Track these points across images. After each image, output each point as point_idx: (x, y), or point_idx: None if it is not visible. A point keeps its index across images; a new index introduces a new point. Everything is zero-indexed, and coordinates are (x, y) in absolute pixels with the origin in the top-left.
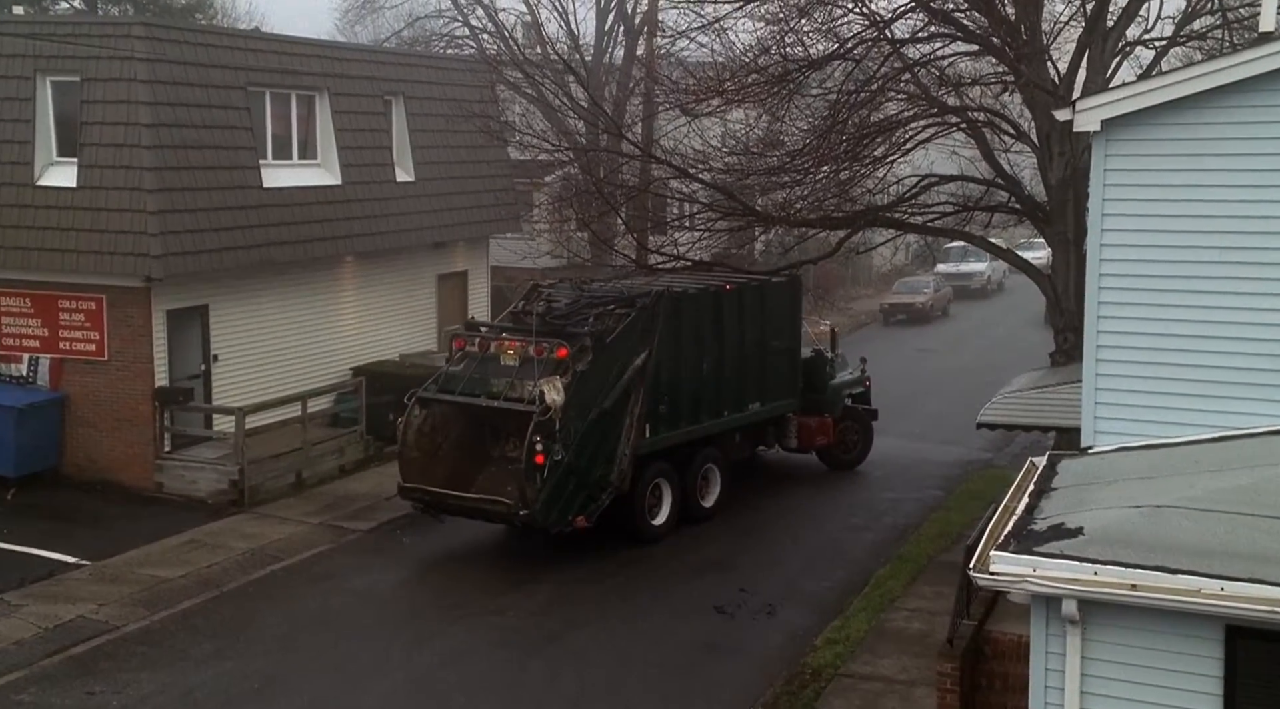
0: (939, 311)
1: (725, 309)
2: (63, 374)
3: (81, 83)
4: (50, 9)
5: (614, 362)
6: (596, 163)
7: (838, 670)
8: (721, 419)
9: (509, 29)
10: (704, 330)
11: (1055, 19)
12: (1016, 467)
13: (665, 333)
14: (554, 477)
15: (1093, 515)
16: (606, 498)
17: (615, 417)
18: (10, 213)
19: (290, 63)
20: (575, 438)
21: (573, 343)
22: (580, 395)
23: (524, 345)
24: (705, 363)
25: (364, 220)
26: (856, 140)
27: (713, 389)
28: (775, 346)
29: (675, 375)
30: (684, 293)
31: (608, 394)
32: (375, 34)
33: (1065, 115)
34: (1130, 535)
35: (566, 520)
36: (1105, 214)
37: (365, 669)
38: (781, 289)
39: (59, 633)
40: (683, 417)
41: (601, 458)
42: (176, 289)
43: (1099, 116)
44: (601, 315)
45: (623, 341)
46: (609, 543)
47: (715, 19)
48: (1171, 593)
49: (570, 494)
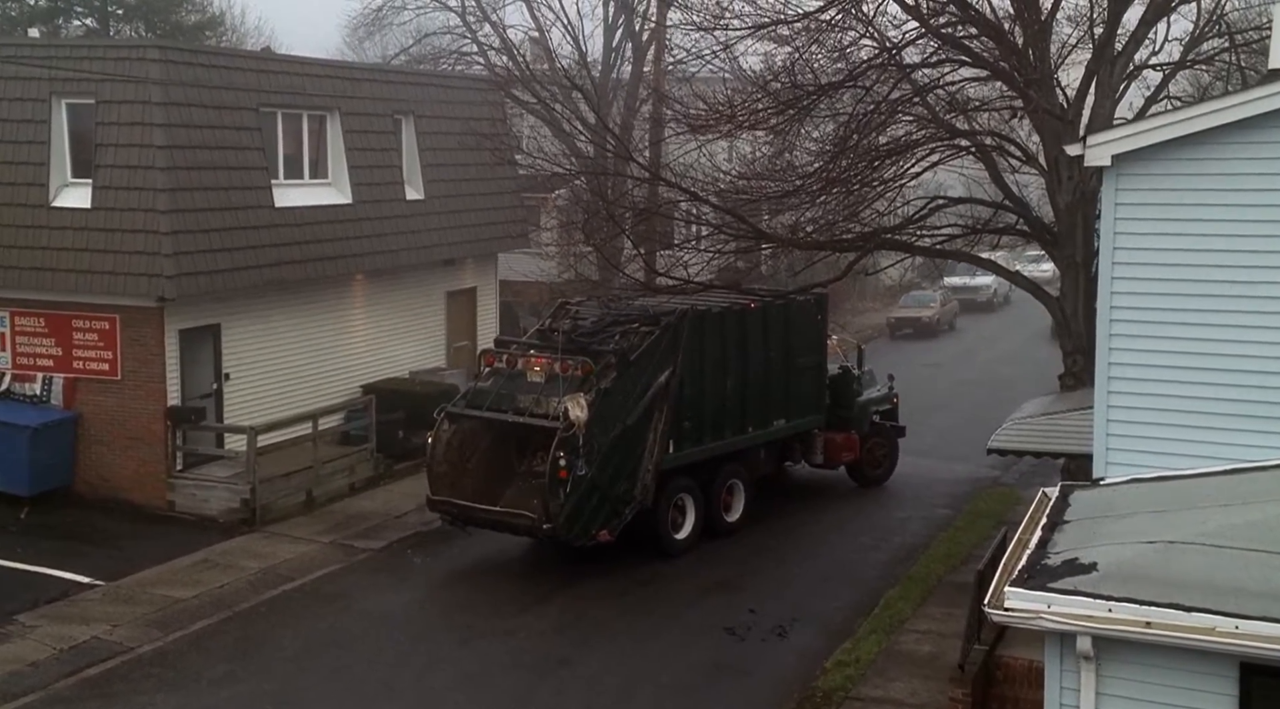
0: (946, 325)
1: (750, 327)
2: (76, 393)
3: (96, 105)
4: (64, 29)
5: (638, 379)
6: (604, 184)
7: (848, 694)
8: (746, 435)
9: (517, 45)
10: (728, 348)
11: (1064, 41)
12: (1025, 484)
13: (689, 350)
14: (577, 491)
15: (1106, 550)
16: (630, 512)
17: (639, 433)
18: (25, 234)
19: (302, 83)
20: (599, 453)
21: (597, 360)
22: (604, 412)
23: (550, 362)
24: (729, 380)
25: (374, 239)
26: (866, 163)
27: (737, 406)
28: (800, 364)
29: (699, 392)
30: (708, 311)
31: (631, 411)
32: (383, 50)
33: (1076, 150)
34: (1144, 572)
35: (590, 534)
36: (1116, 247)
37: (377, 691)
38: (807, 307)
39: (73, 655)
40: (706, 433)
41: (625, 473)
42: (189, 309)
43: (1109, 151)
44: (627, 333)
45: (647, 359)
46: (620, 562)
47: (725, 44)
48: (1186, 631)
49: (594, 508)
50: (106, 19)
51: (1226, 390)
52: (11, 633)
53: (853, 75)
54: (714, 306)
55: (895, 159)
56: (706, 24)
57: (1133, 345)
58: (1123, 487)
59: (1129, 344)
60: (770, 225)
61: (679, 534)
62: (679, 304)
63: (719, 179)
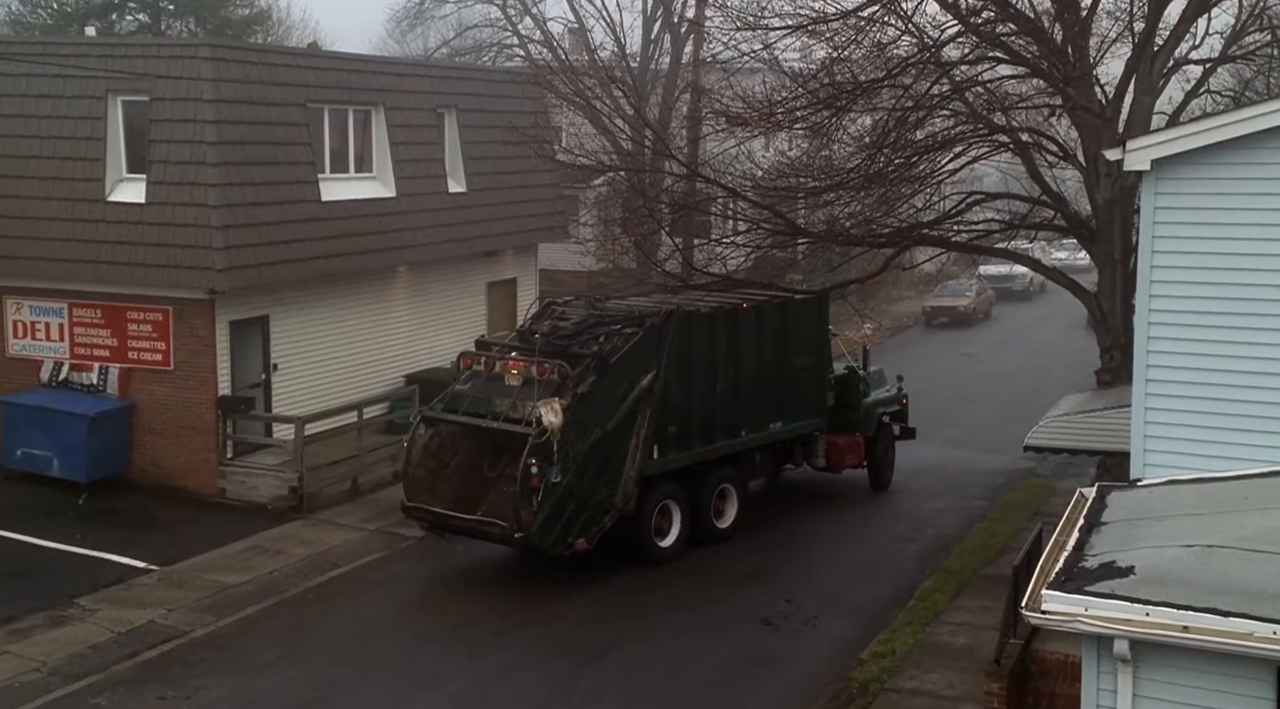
0: (981, 314)
1: (742, 328)
2: (131, 383)
3: (150, 102)
4: (118, 24)
5: (619, 382)
6: (643, 179)
7: (884, 685)
8: (738, 439)
9: (557, 38)
10: (718, 350)
11: (1103, 37)
12: (1060, 476)
13: (674, 353)
14: (551, 499)
15: (1144, 553)
16: (609, 520)
17: (619, 438)
18: (83, 227)
19: (347, 79)
20: (575, 460)
21: (575, 363)
22: (581, 417)
23: (527, 365)
24: (719, 382)
25: (417, 231)
26: (904, 159)
27: (728, 409)
28: (800, 365)
29: (686, 396)
30: (695, 312)
31: (611, 415)
32: (425, 42)
33: (1115, 155)
34: (1182, 575)
35: (566, 543)
36: (1155, 251)
37: (421, 679)
38: (806, 307)
39: (131, 638)
40: (694, 437)
41: (604, 480)
42: (239, 301)
43: (1149, 156)
44: (608, 335)
45: (628, 362)
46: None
47: (765, 45)
48: (1224, 636)
49: (570, 516)
50: (158, 15)
51: (1265, 393)
52: (72, 616)
53: (891, 74)
54: (702, 307)
55: (933, 155)
56: (746, 24)
57: (1171, 347)
58: (1160, 488)
59: (1168, 346)
60: (808, 220)
61: (664, 542)
62: (665, 305)
63: (756, 175)
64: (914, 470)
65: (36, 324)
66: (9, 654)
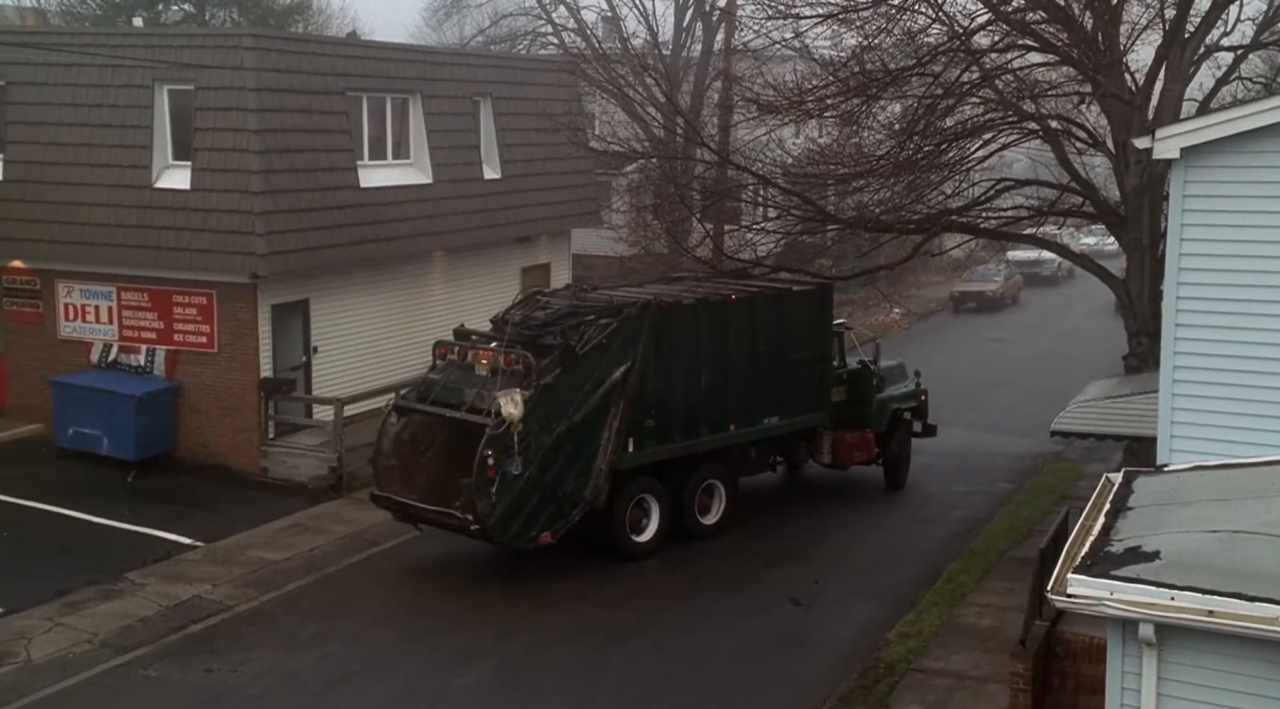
0: (1009, 300)
1: (731, 320)
2: (177, 364)
3: (195, 91)
4: (164, 14)
5: (588, 374)
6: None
7: (910, 665)
8: (727, 434)
9: (590, 26)
10: (702, 342)
11: (1133, 24)
12: (1087, 460)
13: (652, 344)
14: (512, 491)
15: (1169, 538)
16: (577, 513)
17: (589, 431)
18: (130, 213)
19: (386, 68)
20: (539, 452)
21: (541, 354)
22: (545, 408)
23: (495, 355)
24: (705, 376)
25: (453, 217)
26: (933, 147)
27: (716, 402)
28: (799, 358)
29: (666, 388)
30: (675, 304)
31: (579, 408)
32: (461, 31)
33: (1145, 143)
34: (1207, 560)
35: (530, 536)
36: (1184, 239)
37: (456, 655)
38: (806, 298)
39: (178, 611)
40: (675, 431)
41: (573, 473)
42: (280, 285)
43: (1178, 144)
44: (581, 326)
45: (599, 353)
46: (680, 533)
47: (797, 33)
48: (1249, 620)
49: (534, 509)
50: (203, 4)
51: None
52: (123, 590)
53: (921, 62)
54: (684, 299)
55: (963, 142)
56: (778, 13)
57: (1199, 334)
58: (1186, 474)
59: (1195, 333)
60: (837, 207)
61: (640, 536)
62: (645, 295)
63: (786, 162)
64: (941, 453)
65: (87, 307)
66: (63, 626)
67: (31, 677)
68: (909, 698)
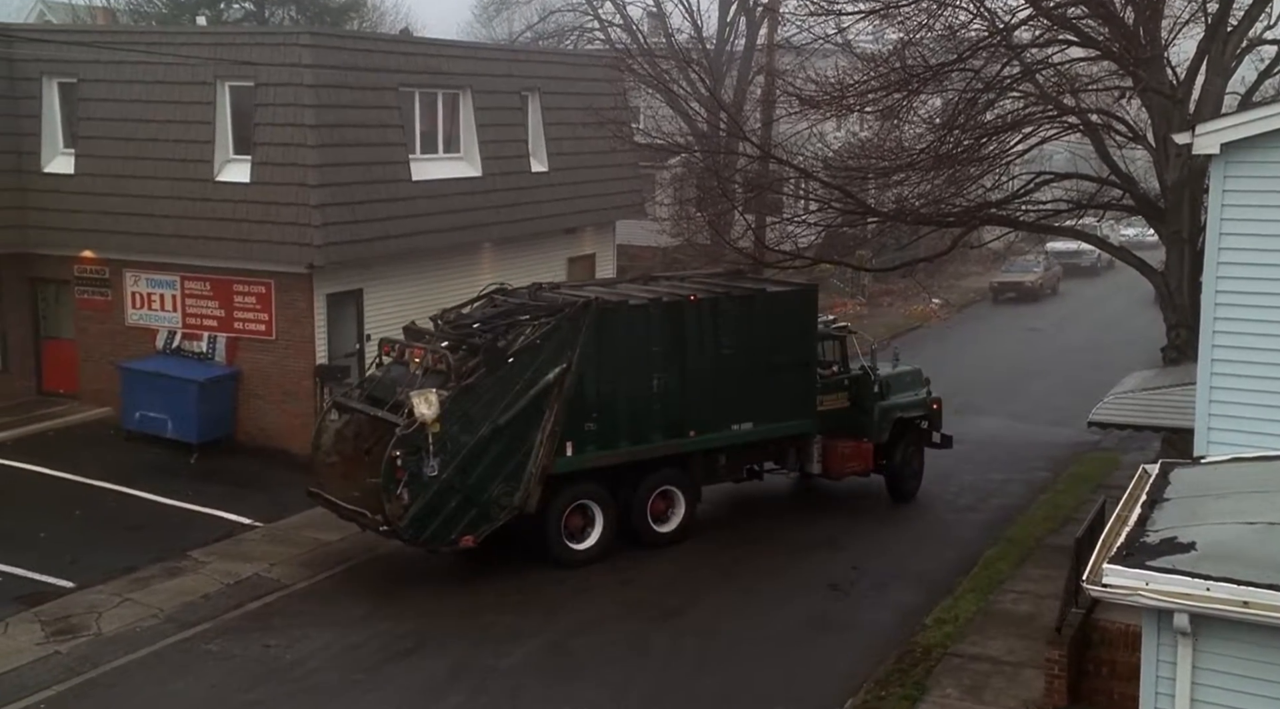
0: (1049, 290)
1: (688, 321)
2: (237, 351)
3: (255, 87)
4: (225, 13)
5: (517, 375)
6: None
7: (947, 650)
8: (685, 439)
9: (636, 22)
10: (654, 344)
11: (1175, 18)
12: (1124, 449)
13: (593, 346)
14: (427, 492)
15: (1205, 530)
16: (504, 517)
17: (519, 433)
18: (193, 206)
19: (438, 64)
20: (459, 454)
21: (458, 354)
22: (467, 409)
23: (426, 354)
24: (658, 379)
25: (502, 209)
26: (973, 140)
27: (672, 407)
28: (778, 363)
29: (611, 391)
30: (620, 304)
31: (506, 409)
32: (510, 26)
33: (1184, 139)
34: (1243, 552)
35: (449, 539)
36: (1223, 232)
37: (505, 634)
38: (786, 300)
39: (238, 589)
40: (622, 435)
41: (500, 476)
42: (335, 275)
43: (1218, 140)
44: (515, 325)
45: (531, 354)
46: (726, 519)
47: (839, 29)
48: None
49: (454, 512)
50: (262, 2)
51: None
52: (186, 567)
53: (962, 57)
54: (631, 298)
55: (1003, 136)
56: (820, 9)
57: (1237, 327)
58: (1223, 466)
59: (1233, 326)
60: (877, 200)
61: (581, 543)
62: (580, 295)
63: (827, 156)
64: (979, 442)
65: (152, 295)
66: (131, 601)
67: (101, 649)
68: (946, 682)
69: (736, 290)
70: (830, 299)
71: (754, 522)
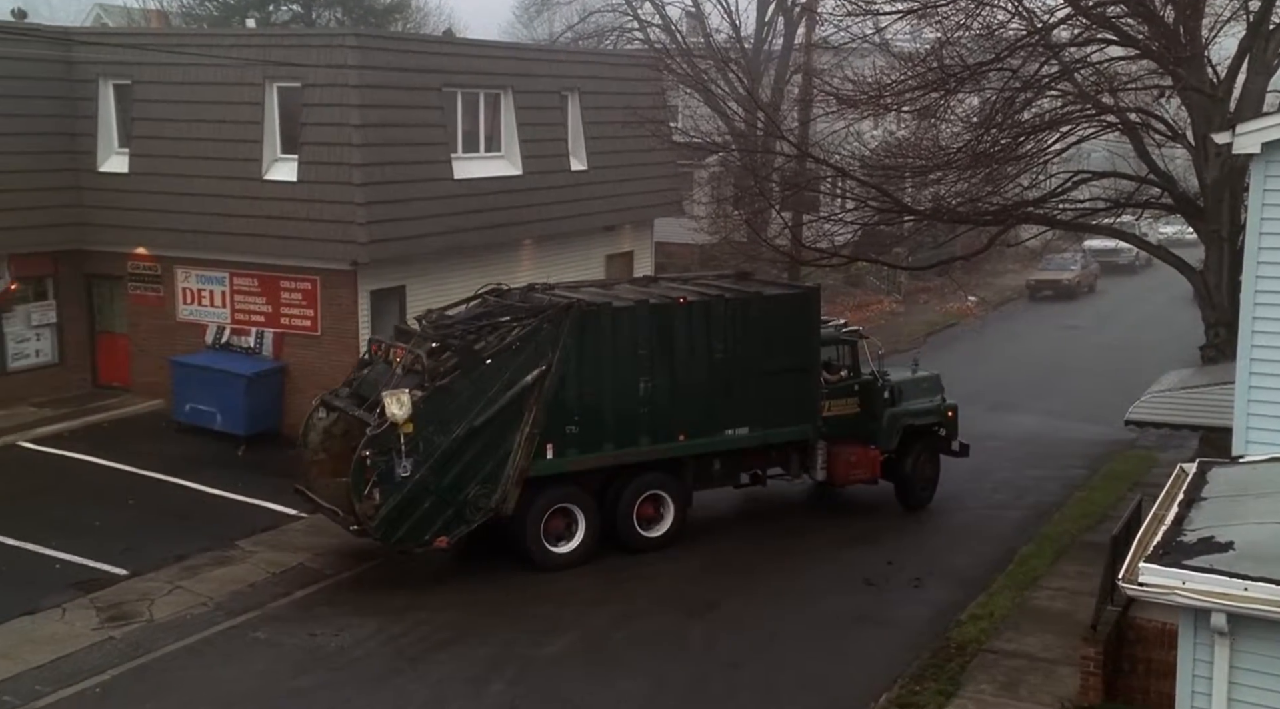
0: (1086, 288)
1: (677, 324)
2: (283, 346)
3: (302, 88)
4: (274, 15)
5: (493, 377)
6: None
7: (982, 646)
8: (675, 443)
9: (675, 22)
10: (640, 347)
11: (1216, 16)
12: (1162, 448)
13: (574, 349)
14: (399, 492)
15: (1244, 529)
16: (479, 519)
17: (497, 435)
18: (242, 203)
19: (479, 64)
20: (434, 455)
21: (434, 355)
22: (441, 410)
23: (406, 354)
24: (645, 382)
25: (542, 206)
26: (1011, 139)
27: (661, 411)
28: (778, 367)
29: (594, 394)
30: (603, 306)
31: (482, 411)
32: (551, 28)
33: (1224, 138)
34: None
35: (423, 539)
36: (1263, 232)
37: (543, 626)
38: (785, 303)
39: (285, 578)
40: (607, 439)
41: (476, 478)
42: (378, 271)
43: (1259, 140)
44: (495, 327)
45: (509, 356)
46: (760, 513)
47: (877, 29)
48: None
49: (428, 513)
50: (310, 4)
51: None
52: (234, 556)
53: (1000, 56)
54: (617, 300)
55: (1040, 135)
56: (858, 9)
57: (1276, 327)
58: (1262, 465)
59: (1272, 325)
60: (914, 198)
61: (561, 547)
62: (561, 297)
63: (864, 154)
64: (1015, 439)
65: (202, 291)
66: (181, 589)
67: (154, 635)
68: (980, 677)
69: (730, 293)
70: (866, 296)
71: (788, 517)
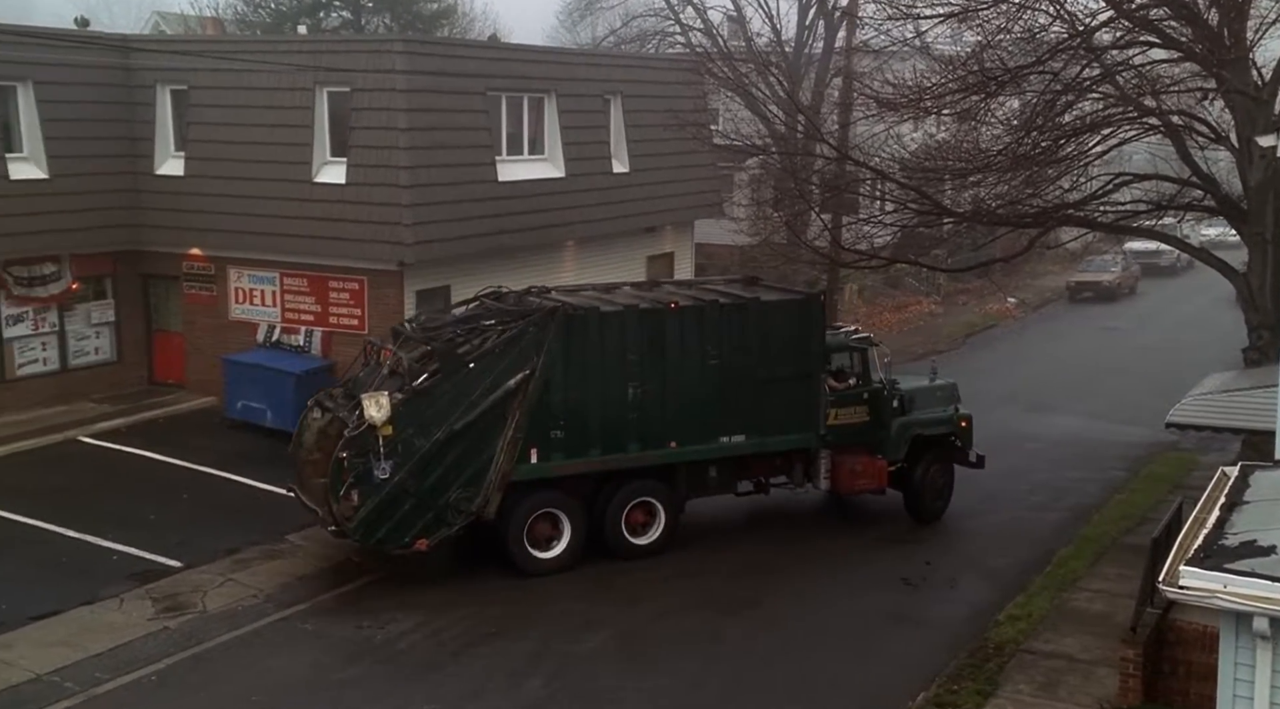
0: (1127, 290)
1: (669, 330)
2: (332, 344)
3: (351, 93)
4: (324, 21)
5: (476, 380)
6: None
7: (1020, 646)
8: (666, 450)
9: (716, 26)
10: (630, 352)
11: (1262, 18)
12: (1203, 450)
13: (559, 353)
14: (378, 494)
15: None
16: (461, 522)
17: (479, 439)
18: (293, 206)
19: (523, 68)
20: (413, 457)
21: (416, 358)
22: (421, 413)
23: (391, 355)
24: (634, 388)
25: (584, 208)
26: (1051, 142)
27: (651, 416)
28: (777, 374)
29: (580, 399)
30: (590, 311)
31: (463, 414)
32: (594, 31)
33: (1269, 142)
34: None
35: (403, 542)
36: None
37: (581, 622)
38: (784, 310)
39: (332, 572)
40: (593, 444)
41: (458, 481)
42: (424, 272)
43: None
44: (479, 330)
45: (492, 360)
46: (797, 514)
47: (918, 33)
48: None
49: (408, 515)
50: (359, 11)
51: None
52: (284, 550)
53: (1041, 59)
54: (605, 305)
55: (1081, 137)
56: (899, 13)
57: None
58: None
59: None
60: (954, 201)
61: (546, 552)
62: (547, 301)
63: (904, 157)
64: (1054, 440)
65: (254, 291)
66: (233, 581)
67: (207, 626)
68: (1018, 678)
69: (725, 298)
70: (906, 298)
71: (825, 516)
